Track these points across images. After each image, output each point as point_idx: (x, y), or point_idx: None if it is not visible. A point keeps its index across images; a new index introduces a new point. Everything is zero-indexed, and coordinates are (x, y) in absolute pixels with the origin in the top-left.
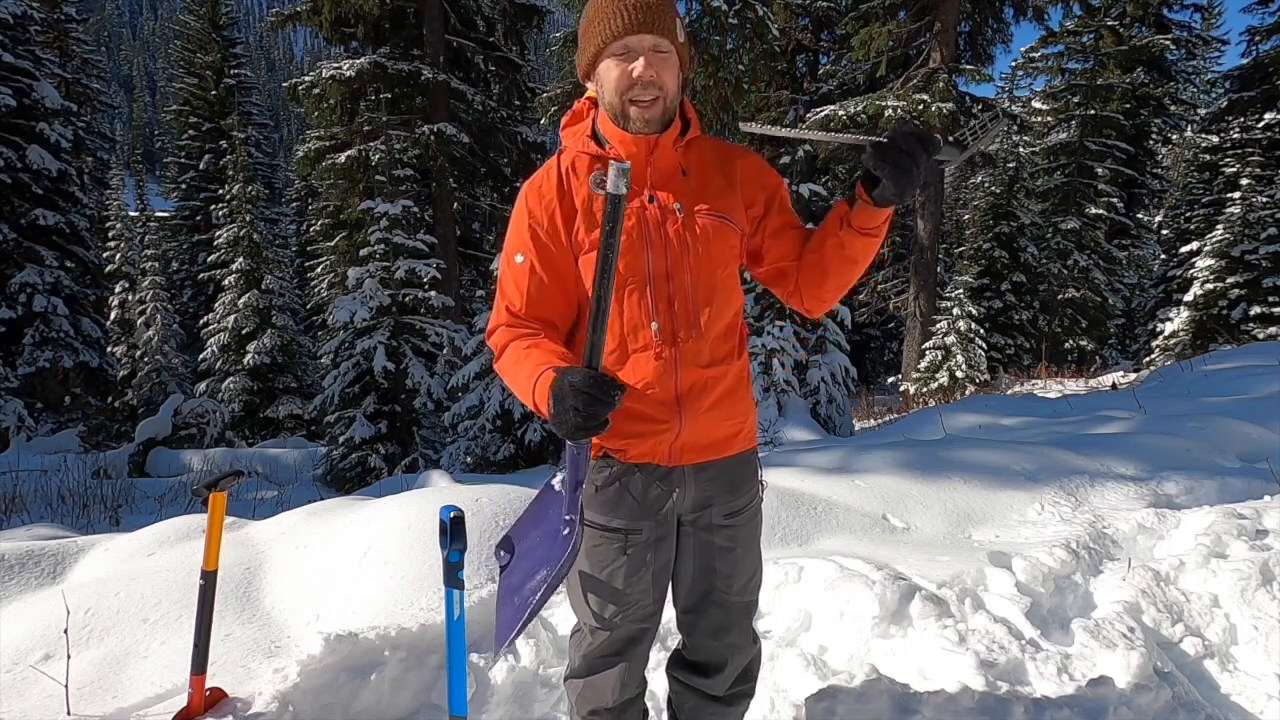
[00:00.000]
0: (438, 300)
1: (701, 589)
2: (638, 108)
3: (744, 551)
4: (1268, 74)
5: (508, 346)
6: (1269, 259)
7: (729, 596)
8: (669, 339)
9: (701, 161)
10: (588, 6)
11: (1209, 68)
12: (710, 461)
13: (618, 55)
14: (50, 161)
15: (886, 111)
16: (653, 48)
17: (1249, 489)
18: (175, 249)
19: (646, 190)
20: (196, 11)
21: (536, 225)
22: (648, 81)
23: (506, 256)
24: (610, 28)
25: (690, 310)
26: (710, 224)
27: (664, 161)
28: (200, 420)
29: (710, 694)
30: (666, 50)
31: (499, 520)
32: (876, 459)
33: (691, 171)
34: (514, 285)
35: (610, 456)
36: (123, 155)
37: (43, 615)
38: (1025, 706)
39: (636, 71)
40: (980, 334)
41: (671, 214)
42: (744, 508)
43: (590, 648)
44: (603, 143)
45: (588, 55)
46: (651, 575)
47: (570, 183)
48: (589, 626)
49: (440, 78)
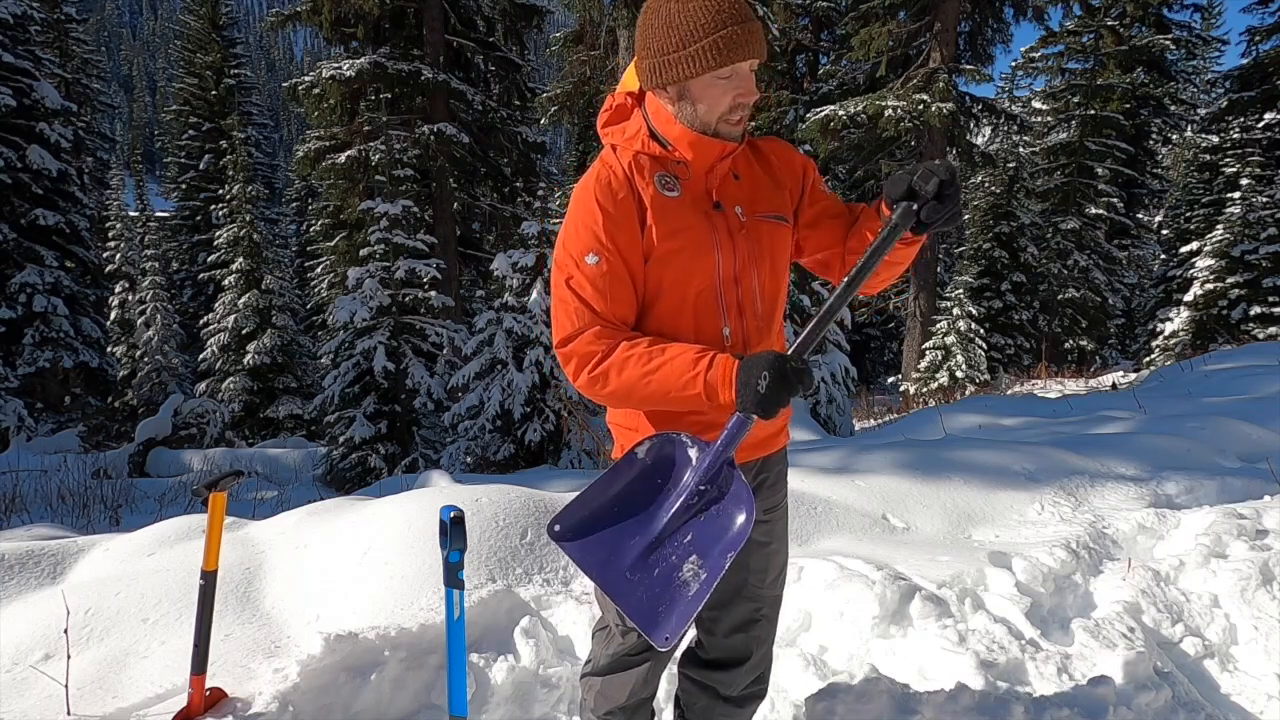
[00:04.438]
0: (438, 300)
1: (734, 584)
2: (730, 125)
3: (778, 546)
4: (1268, 74)
5: (618, 346)
6: (1269, 259)
7: (761, 590)
8: (740, 344)
9: (748, 162)
10: (674, 15)
11: (1209, 68)
12: (758, 459)
13: (725, 78)
14: (50, 161)
15: (886, 112)
16: (751, 70)
17: (1249, 489)
18: (175, 249)
19: (711, 192)
20: (196, 11)
21: (612, 225)
22: (750, 104)
23: (575, 260)
24: (721, 54)
25: (759, 313)
26: (770, 226)
27: (724, 166)
28: (200, 420)
29: (723, 693)
30: (758, 69)
31: (499, 520)
32: (876, 459)
33: (741, 174)
34: (591, 287)
35: None
36: (123, 155)
37: (43, 615)
38: (1025, 706)
39: (747, 99)
40: (980, 334)
41: (734, 218)
42: (780, 503)
43: (619, 647)
44: (664, 143)
45: (687, 70)
46: None
47: (636, 182)
48: (619, 626)
49: (440, 78)
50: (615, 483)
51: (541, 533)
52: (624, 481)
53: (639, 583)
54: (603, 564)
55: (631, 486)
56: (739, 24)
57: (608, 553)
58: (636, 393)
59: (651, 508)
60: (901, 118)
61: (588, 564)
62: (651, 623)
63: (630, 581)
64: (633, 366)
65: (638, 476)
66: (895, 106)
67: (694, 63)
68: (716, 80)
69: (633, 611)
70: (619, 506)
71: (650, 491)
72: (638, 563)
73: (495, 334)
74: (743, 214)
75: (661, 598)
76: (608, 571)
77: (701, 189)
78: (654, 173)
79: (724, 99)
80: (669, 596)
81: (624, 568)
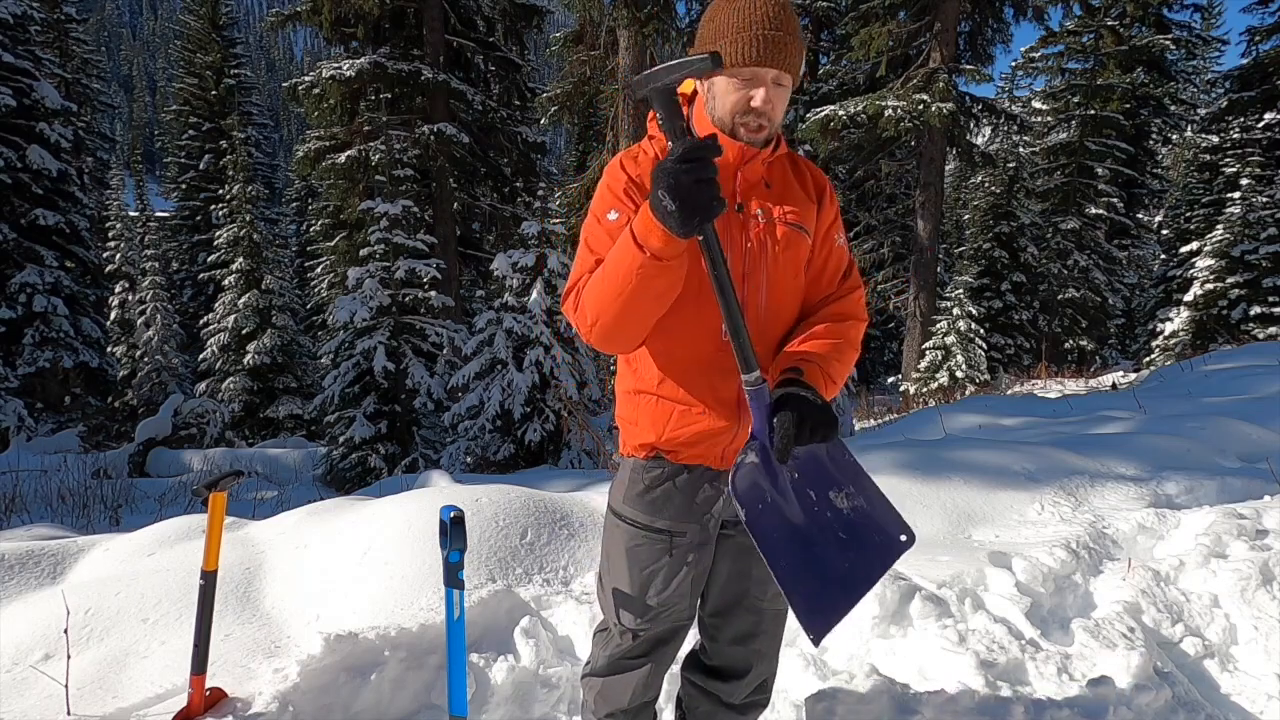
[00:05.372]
0: (438, 300)
1: (735, 593)
2: (746, 130)
3: None
4: (1268, 74)
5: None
6: (1269, 259)
7: (762, 602)
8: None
9: (784, 174)
10: (719, 12)
11: (1209, 68)
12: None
13: (741, 79)
14: (50, 161)
15: (886, 112)
16: (774, 81)
17: (1249, 489)
18: (175, 249)
19: (736, 195)
20: (196, 11)
21: (634, 187)
22: (761, 112)
23: (597, 217)
24: (741, 54)
25: (763, 315)
26: (789, 232)
27: (751, 173)
28: (200, 420)
29: (726, 701)
30: (786, 84)
31: (499, 520)
32: (876, 459)
33: (774, 183)
34: (609, 239)
35: (663, 457)
36: (123, 155)
37: (43, 615)
38: (1025, 706)
39: (756, 102)
40: (980, 334)
41: (754, 219)
42: None
43: (618, 648)
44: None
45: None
46: (691, 580)
47: None
48: (618, 628)
49: (440, 78)
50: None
51: (542, 533)
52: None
53: (804, 579)
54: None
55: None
56: (771, 30)
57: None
58: (604, 300)
59: (787, 514)
60: (901, 118)
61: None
62: (812, 618)
63: (799, 578)
64: (594, 282)
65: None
66: (895, 106)
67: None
68: (736, 79)
69: (800, 608)
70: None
71: (776, 509)
72: (802, 559)
73: (495, 334)
74: (763, 216)
75: (821, 594)
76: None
77: (727, 189)
78: None
79: (735, 99)
80: (828, 593)
81: (797, 562)
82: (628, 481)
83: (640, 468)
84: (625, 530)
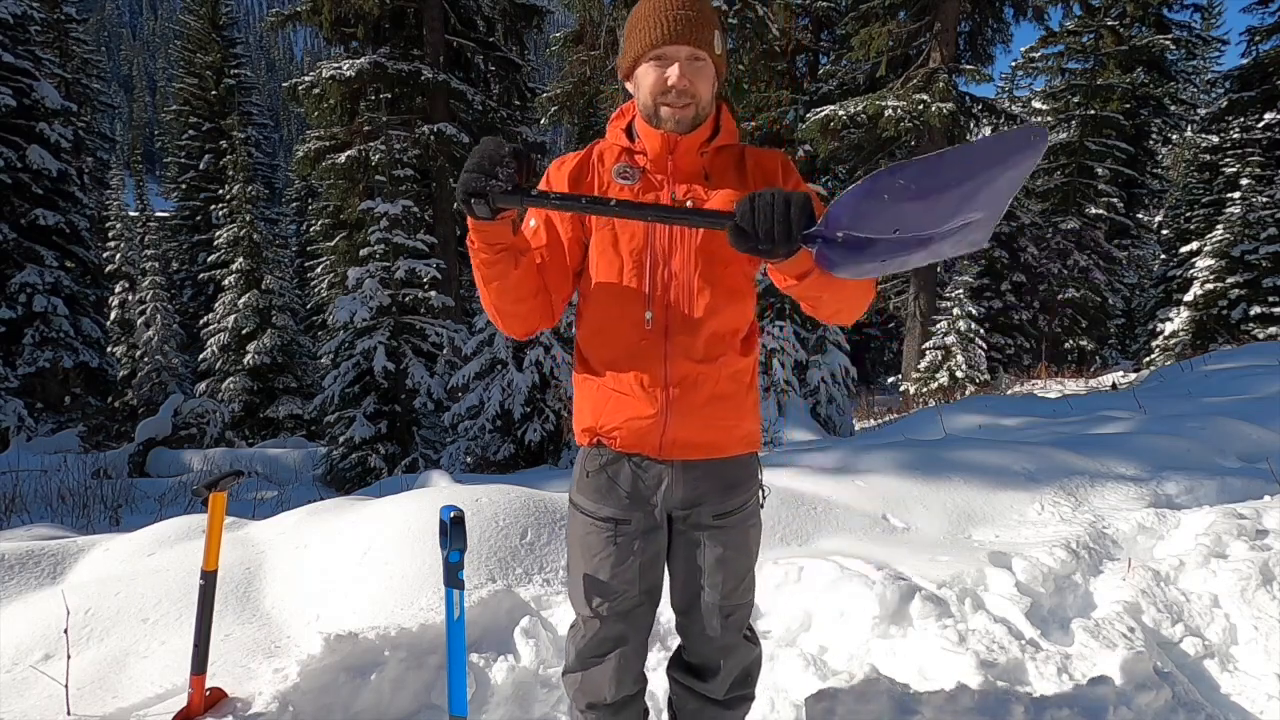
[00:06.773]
0: (438, 300)
1: (691, 590)
2: (669, 109)
3: (733, 555)
4: (1268, 74)
5: None
6: (1269, 259)
7: (719, 601)
8: (661, 324)
9: (725, 166)
10: (633, 11)
11: (1209, 68)
12: (701, 460)
13: (655, 61)
14: (50, 161)
15: (886, 112)
16: (689, 57)
17: (1249, 489)
18: (175, 249)
19: (668, 186)
20: (196, 11)
21: (548, 188)
22: (681, 90)
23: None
24: (650, 36)
25: (686, 299)
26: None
27: (686, 162)
28: (200, 420)
29: (710, 697)
30: (703, 60)
31: (499, 520)
32: (877, 459)
33: (715, 175)
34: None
35: (603, 445)
36: (123, 155)
37: (43, 615)
38: (1025, 706)
39: (671, 79)
40: (980, 334)
41: (681, 205)
42: (735, 510)
43: (583, 640)
44: (634, 137)
45: (629, 58)
46: (638, 566)
47: (595, 167)
48: (583, 617)
49: (440, 78)
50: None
51: (542, 532)
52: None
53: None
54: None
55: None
56: (679, 10)
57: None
58: (481, 291)
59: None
60: (901, 118)
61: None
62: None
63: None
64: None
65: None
66: (895, 106)
67: (632, 48)
68: (651, 66)
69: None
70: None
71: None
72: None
73: (495, 334)
74: (693, 204)
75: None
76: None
77: (658, 179)
78: (614, 162)
79: (653, 80)
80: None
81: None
82: (577, 470)
83: (585, 456)
84: (579, 519)
